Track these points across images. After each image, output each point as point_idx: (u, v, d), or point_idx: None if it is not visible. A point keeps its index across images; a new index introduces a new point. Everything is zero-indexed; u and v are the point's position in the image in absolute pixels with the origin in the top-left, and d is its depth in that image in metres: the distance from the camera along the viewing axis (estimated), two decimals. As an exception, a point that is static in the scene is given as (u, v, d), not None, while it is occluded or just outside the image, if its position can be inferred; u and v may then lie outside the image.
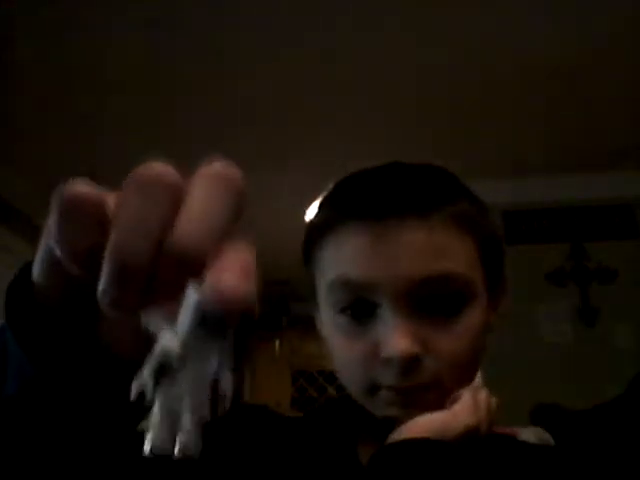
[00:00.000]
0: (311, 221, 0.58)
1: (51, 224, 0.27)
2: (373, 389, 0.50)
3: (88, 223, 0.26)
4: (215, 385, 0.25)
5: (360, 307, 0.49)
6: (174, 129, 2.72)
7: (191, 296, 0.24)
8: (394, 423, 0.51)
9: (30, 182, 3.17)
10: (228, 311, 0.23)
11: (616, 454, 0.55)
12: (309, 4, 2.00)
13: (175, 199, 0.26)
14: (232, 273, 0.24)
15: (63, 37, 2.16)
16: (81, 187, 0.27)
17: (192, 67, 2.32)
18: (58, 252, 0.27)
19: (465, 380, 0.51)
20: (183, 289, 0.24)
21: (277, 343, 5.02)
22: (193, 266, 0.24)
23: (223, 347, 0.25)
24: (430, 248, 0.47)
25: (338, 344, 0.52)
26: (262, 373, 4.81)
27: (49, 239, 0.27)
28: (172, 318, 0.25)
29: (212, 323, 0.24)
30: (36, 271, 0.29)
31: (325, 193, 0.58)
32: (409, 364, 0.46)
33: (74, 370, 0.31)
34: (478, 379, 0.57)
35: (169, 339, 0.24)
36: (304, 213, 3.40)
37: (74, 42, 2.18)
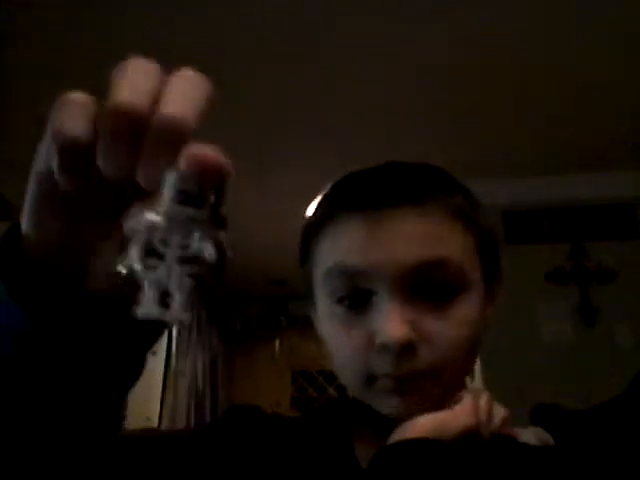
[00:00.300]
0: (309, 218, 0.59)
1: (52, 116, 0.32)
2: (370, 379, 0.50)
3: (83, 112, 0.32)
4: (199, 254, 0.27)
5: (356, 296, 0.50)
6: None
7: (170, 174, 0.27)
8: (391, 422, 0.51)
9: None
10: (203, 175, 0.27)
11: (616, 454, 0.55)
12: (310, 4, 2.00)
13: (160, 77, 0.31)
14: (203, 146, 0.28)
15: (63, 37, 2.16)
16: (76, 93, 0.33)
17: (191, 62, 2.32)
18: (53, 148, 0.30)
19: (462, 370, 0.51)
20: (168, 161, 0.28)
21: (277, 343, 5.03)
22: (179, 134, 0.28)
23: (203, 217, 0.27)
24: (425, 235, 0.48)
25: (335, 335, 0.52)
26: (262, 373, 4.82)
27: (40, 161, 0.32)
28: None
29: (190, 194, 0.27)
30: (24, 221, 0.32)
31: (323, 192, 0.58)
32: (404, 350, 0.47)
33: (67, 321, 0.32)
34: (478, 381, 0.57)
35: (153, 215, 0.27)
36: (303, 214, 3.40)
37: (74, 42, 2.18)
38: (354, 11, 2.03)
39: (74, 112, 0.32)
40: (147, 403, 3.58)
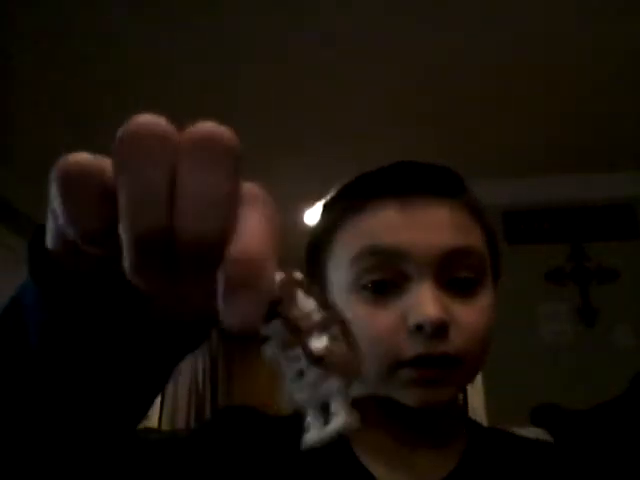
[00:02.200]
0: (325, 212, 0.60)
1: (54, 203, 0.25)
2: (395, 366, 0.50)
3: (93, 198, 0.25)
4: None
5: (383, 282, 0.51)
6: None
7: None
8: (390, 421, 0.52)
9: (30, 182, 3.17)
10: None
11: (616, 454, 0.55)
12: (310, 3, 2.01)
13: (173, 150, 0.25)
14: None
15: (63, 38, 2.16)
16: (76, 158, 0.26)
17: (191, 68, 2.32)
18: (70, 234, 0.25)
19: (481, 358, 0.53)
20: (210, 269, 0.24)
21: (277, 343, 5.02)
22: (211, 252, 0.23)
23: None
24: (456, 225, 0.52)
25: (357, 322, 0.50)
26: (262, 373, 4.82)
27: (57, 220, 0.26)
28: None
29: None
30: (50, 242, 0.28)
31: (332, 193, 0.60)
32: (439, 330, 0.48)
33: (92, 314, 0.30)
34: (479, 381, 0.58)
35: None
36: (302, 217, 3.40)
37: (74, 43, 2.18)
38: (354, 11, 2.03)
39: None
40: (147, 403, 3.57)
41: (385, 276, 0.50)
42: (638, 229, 3.01)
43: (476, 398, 3.04)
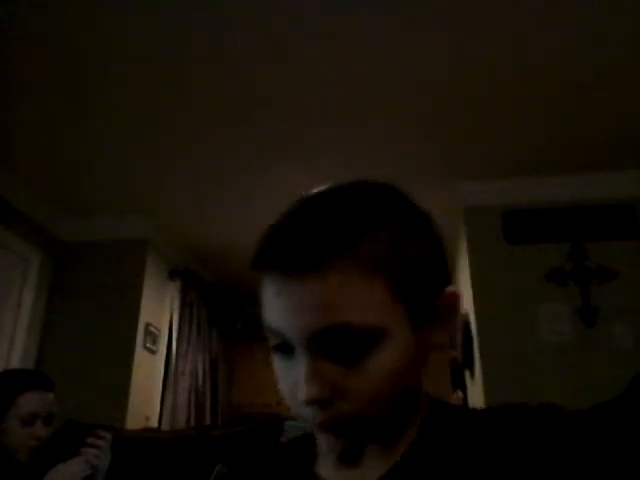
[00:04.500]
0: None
1: None
2: (302, 419, 0.53)
3: None
4: None
5: (282, 346, 0.53)
6: (174, 130, 2.72)
7: None
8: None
9: (30, 182, 3.17)
10: None
11: (616, 454, 0.55)
12: (311, 3, 2.01)
13: None
14: None
15: (63, 39, 2.16)
16: None
17: (191, 70, 2.32)
18: None
19: (390, 408, 0.52)
20: None
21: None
22: None
23: None
24: (327, 301, 0.48)
25: (276, 377, 0.55)
26: (262, 373, 4.81)
27: None
28: None
29: None
30: None
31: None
32: (321, 405, 0.49)
33: None
34: (479, 381, 0.57)
35: None
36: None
37: (73, 43, 2.18)
38: (354, 11, 2.03)
39: None
40: (147, 403, 3.58)
41: (280, 342, 0.53)
42: (638, 229, 3.01)
43: (476, 398, 3.04)
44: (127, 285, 3.50)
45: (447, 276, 0.57)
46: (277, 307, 0.51)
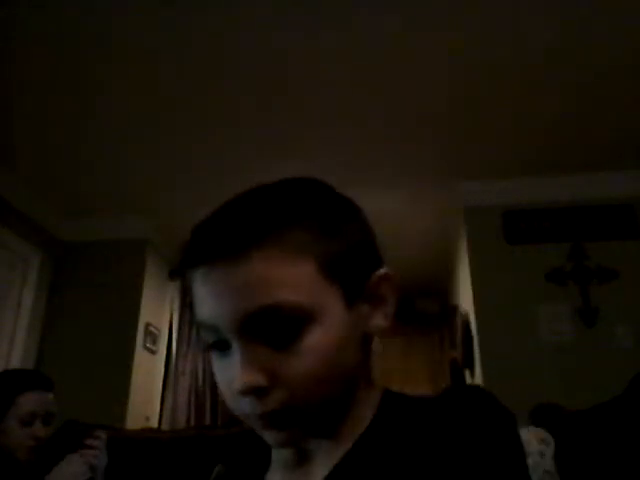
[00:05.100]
0: None
1: None
2: (246, 417, 0.53)
3: None
4: None
5: (219, 344, 0.53)
6: (174, 130, 2.72)
7: None
8: (298, 451, 0.55)
9: (30, 182, 3.17)
10: None
11: (616, 454, 0.55)
12: (312, 3, 2.01)
13: None
14: None
15: (63, 39, 2.16)
16: None
17: (191, 70, 2.32)
18: None
19: (329, 390, 0.52)
20: None
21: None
22: None
23: None
24: (255, 283, 0.49)
25: (215, 376, 0.55)
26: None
27: None
28: None
29: None
30: None
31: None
32: (257, 393, 0.49)
33: None
34: (479, 381, 0.56)
35: None
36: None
37: (73, 44, 2.18)
38: (354, 11, 2.03)
39: None
40: (147, 403, 3.58)
41: (215, 339, 0.53)
42: (638, 229, 3.01)
43: (476, 398, 3.03)
44: (127, 285, 3.50)
45: (378, 259, 0.58)
46: (207, 299, 0.51)
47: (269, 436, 0.53)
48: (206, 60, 2.28)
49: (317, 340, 0.50)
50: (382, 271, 0.56)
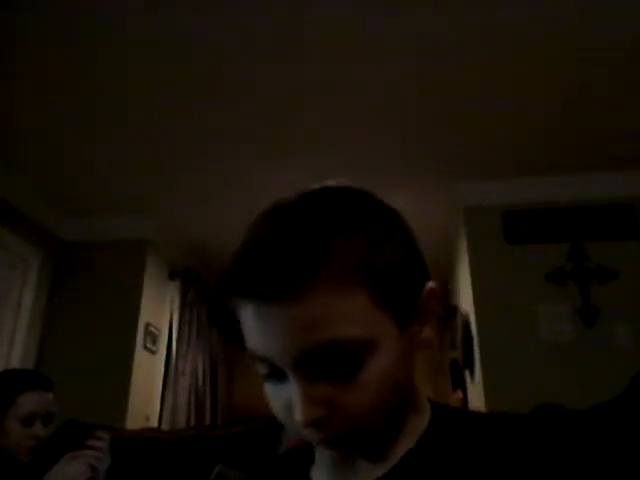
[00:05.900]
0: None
1: None
2: (302, 436, 0.53)
3: None
4: None
5: (271, 373, 0.53)
6: (174, 130, 2.72)
7: None
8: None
9: (30, 182, 3.17)
10: None
11: (616, 454, 0.55)
12: (311, 4, 2.01)
13: None
14: None
15: (62, 38, 2.16)
16: None
17: (192, 70, 2.32)
18: None
19: (388, 414, 0.53)
20: None
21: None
22: None
23: None
24: (311, 322, 0.48)
25: (270, 402, 0.56)
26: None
27: None
28: None
29: None
30: None
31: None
32: (316, 424, 0.49)
33: None
34: (479, 381, 0.57)
35: None
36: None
37: (74, 44, 2.18)
38: (354, 11, 2.03)
39: None
40: (147, 403, 3.58)
41: (269, 369, 0.52)
42: (638, 229, 3.01)
43: (476, 398, 3.04)
44: (127, 285, 3.50)
45: (425, 272, 0.57)
46: (259, 334, 0.50)
47: (329, 454, 0.54)
48: (206, 60, 2.28)
49: (377, 369, 0.50)
50: (429, 285, 0.55)
